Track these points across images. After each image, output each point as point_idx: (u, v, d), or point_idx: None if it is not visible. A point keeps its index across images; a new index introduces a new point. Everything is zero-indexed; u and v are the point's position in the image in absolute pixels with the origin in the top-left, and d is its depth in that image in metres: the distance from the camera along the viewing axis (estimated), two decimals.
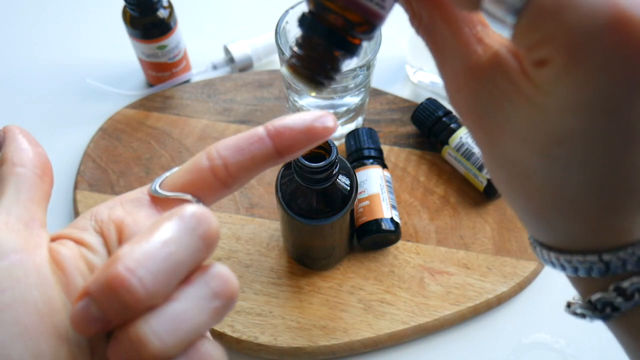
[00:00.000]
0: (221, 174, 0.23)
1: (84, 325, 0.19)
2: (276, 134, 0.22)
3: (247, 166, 0.23)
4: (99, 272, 0.19)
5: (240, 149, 0.22)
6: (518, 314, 0.48)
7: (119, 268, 0.18)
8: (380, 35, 0.45)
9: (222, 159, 0.22)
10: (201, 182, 0.23)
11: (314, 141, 0.23)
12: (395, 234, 0.47)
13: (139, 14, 0.51)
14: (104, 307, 0.18)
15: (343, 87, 0.46)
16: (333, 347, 0.45)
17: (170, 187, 0.23)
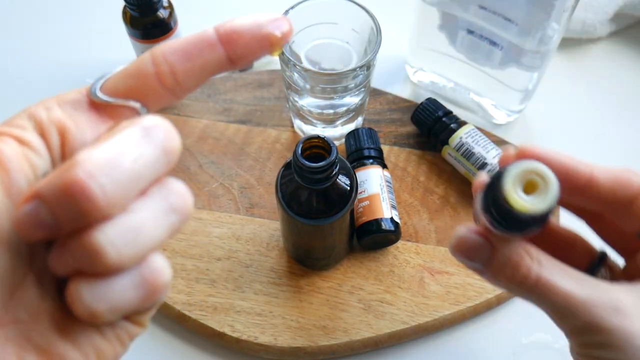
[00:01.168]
0: (168, 81, 0.21)
1: (31, 229, 0.18)
2: (228, 40, 0.21)
3: (196, 73, 0.21)
4: (54, 175, 0.17)
5: (189, 54, 0.21)
6: (518, 314, 0.48)
7: (78, 173, 0.17)
8: (380, 35, 0.45)
9: (169, 64, 0.21)
10: (146, 88, 0.21)
11: (269, 49, 0.21)
12: (395, 233, 0.47)
13: (139, 14, 0.51)
14: (57, 212, 0.17)
15: (343, 87, 0.46)
16: (333, 347, 0.45)
17: (112, 92, 0.21)
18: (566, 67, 0.61)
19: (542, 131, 0.57)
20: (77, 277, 0.19)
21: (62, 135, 0.20)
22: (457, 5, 0.48)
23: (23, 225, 0.18)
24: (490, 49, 0.49)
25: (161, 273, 0.20)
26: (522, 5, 0.44)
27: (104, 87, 0.21)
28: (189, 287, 0.47)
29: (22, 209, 0.18)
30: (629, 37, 0.63)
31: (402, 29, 0.59)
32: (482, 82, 0.54)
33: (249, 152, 0.54)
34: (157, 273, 0.19)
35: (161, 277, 0.20)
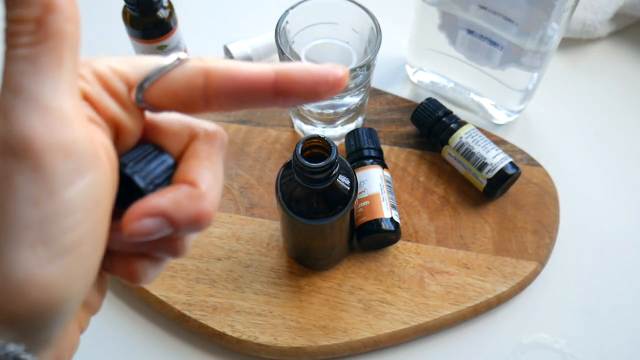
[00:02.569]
0: (212, 108, 0.21)
1: (145, 237, 0.20)
2: (282, 90, 0.21)
3: (236, 108, 0.21)
4: (186, 203, 0.20)
5: (241, 96, 0.21)
6: (518, 314, 0.48)
7: (209, 207, 0.21)
8: (380, 35, 0.45)
9: (218, 98, 0.21)
10: (187, 106, 0.21)
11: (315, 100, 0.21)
12: (395, 233, 0.47)
13: (139, 14, 0.51)
14: (181, 230, 0.21)
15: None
16: (333, 347, 0.45)
17: (155, 100, 0.21)
18: (566, 67, 0.61)
19: (542, 131, 0.57)
20: (142, 259, 0.22)
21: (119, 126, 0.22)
22: (457, 5, 0.48)
23: (140, 234, 0.20)
24: (490, 49, 0.49)
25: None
26: (522, 5, 0.44)
27: (147, 92, 0.21)
28: (189, 287, 0.47)
29: (145, 222, 0.20)
30: (629, 37, 0.63)
31: (402, 29, 0.59)
32: (482, 82, 0.54)
33: (249, 152, 0.54)
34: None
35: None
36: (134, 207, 0.20)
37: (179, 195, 0.21)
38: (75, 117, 0.19)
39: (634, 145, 0.56)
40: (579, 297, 0.49)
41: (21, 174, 0.17)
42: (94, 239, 0.20)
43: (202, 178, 0.21)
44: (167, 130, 0.23)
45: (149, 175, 0.22)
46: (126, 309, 0.48)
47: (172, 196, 0.20)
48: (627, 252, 0.51)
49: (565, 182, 0.53)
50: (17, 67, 0.17)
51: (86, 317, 0.24)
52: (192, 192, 0.21)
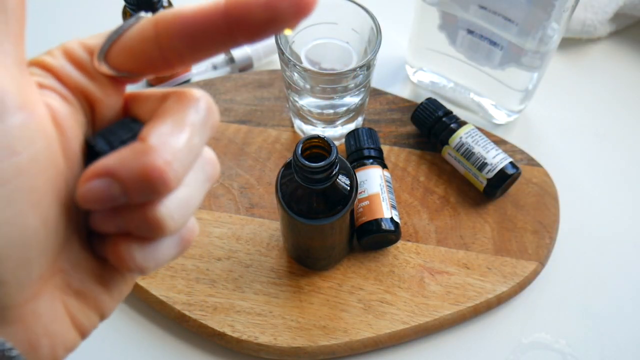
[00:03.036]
0: (169, 60, 0.20)
1: (97, 202, 0.19)
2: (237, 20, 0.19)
3: (195, 55, 0.20)
4: (129, 156, 0.19)
5: (193, 36, 0.19)
6: (518, 314, 0.48)
7: (157, 160, 0.18)
8: (380, 35, 0.45)
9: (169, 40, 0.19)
10: (147, 62, 0.20)
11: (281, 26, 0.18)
12: (395, 234, 0.47)
13: None
14: (130, 191, 0.19)
15: (343, 87, 0.46)
16: (333, 347, 0.45)
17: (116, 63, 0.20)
18: (566, 67, 0.61)
19: (542, 131, 0.57)
20: (126, 239, 0.20)
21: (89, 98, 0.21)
22: (457, 5, 0.48)
23: (90, 198, 0.19)
24: (490, 49, 0.49)
25: (194, 230, 0.23)
26: (522, 5, 0.44)
27: (108, 56, 0.20)
28: (189, 287, 0.47)
29: (91, 183, 0.19)
30: (629, 37, 0.63)
31: (402, 29, 0.59)
32: (482, 82, 0.54)
33: (249, 152, 0.54)
34: (192, 231, 0.23)
35: (194, 233, 0.23)
36: (85, 171, 0.19)
37: (124, 151, 0.19)
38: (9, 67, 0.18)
39: (634, 145, 0.56)
40: (579, 297, 0.49)
41: None
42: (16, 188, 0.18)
43: (156, 132, 0.19)
44: (144, 101, 0.22)
45: (114, 141, 0.20)
46: (126, 309, 0.48)
47: (118, 153, 0.19)
48: (627, 252, 0.51)
49: (565, 182, 0.53)
50: None
51: (87, 312, 0.22)
52: (139, 146, 0.19)
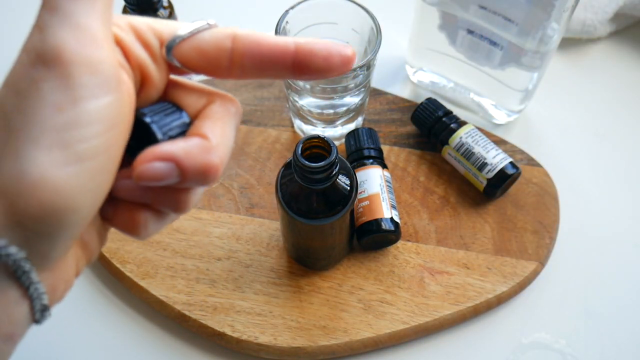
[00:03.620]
0: (233, 71, 0.23)
1: (154, 180, 0.21)
2: (301, 62, 0.23)
3: (256, 75, 0.23)
4: (196, 151, 0.21)
5: (264, 64, 0.23)
6: (518, 314, 0.48)
7: (216, 159, 0.22)
8: (380, 35, 0.45)
9: (242, 64, 0.23)
10: (212, 68, 0.23)
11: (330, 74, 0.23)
12: (395, 234, 0.47)
13: (139, 14, 0.51)
14: (187, 178, 0.21)
15: (343, 87, 0.46)
16: (333, 347, 0.45)
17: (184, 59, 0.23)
18: (566, 67, 0.61)
19: (542, 131, 0.57)
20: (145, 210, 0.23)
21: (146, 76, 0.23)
22: (457, 5, 0.48)
23: (149, 175, 0.21)
24: (490, 49, 0.49)
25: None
26: (522, 5, 0.44)
27: (177, 48, 0.23)
28: (189, 287, 0.47)
29: (155, 164, 0.21)
30: (629, 37, 0.63)
31: (402, 29, 0.59)
32: (482, 82, 0.54)
33: (249, 152, 0.54)
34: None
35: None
36: (146, 151, 0.21)
37: (190, 145, 0.22)
38: (104, 41, 0.20)
39: (634, 145, 0.56)
40: (579, 297, 0.49)
41: (49, 81, 0.19)
42: (106, 158, 0.20)
43: (214, 133, 0.22)
44: (187, 91, 0.24)
45: (165, 126, 0.23)
46: (126, 309, 0.48)
47: (184, 144, 0.22)
48: (628, 252, 0.51)
49: (565, 182, 0.53)
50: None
51: (83, 259, 0.25)
52: (203, 143, 0.22)
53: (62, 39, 0.19)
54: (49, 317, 0.23)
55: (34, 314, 0.22)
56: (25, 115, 0.19)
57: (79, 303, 0.48)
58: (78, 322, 0.48)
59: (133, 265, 0.48)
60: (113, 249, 0.48)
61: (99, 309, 0.48)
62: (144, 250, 0.49)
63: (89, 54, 0.19)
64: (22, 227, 0.19)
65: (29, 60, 0.19)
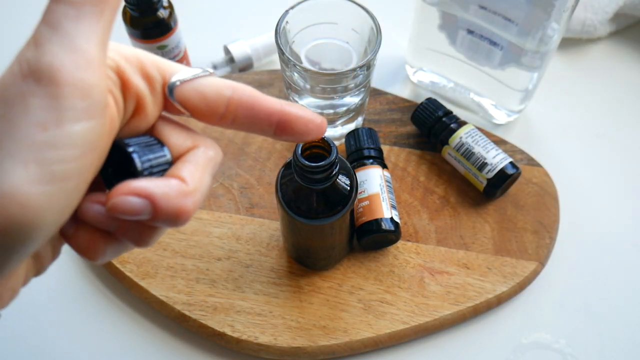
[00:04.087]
0: (225, 120, 0.24)
1: (126, 214, 0.21)
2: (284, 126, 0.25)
3: (239, 128, 0.25)
4: (173, 194, 0.22)
5: (253, 122, 0.25)
6: (518, 314, 0.48)
7: (190, 204, 0.22)
8: (380, 35, 0.45)
9: (236, 110, 0.24)
10: (206, 116, 0.24)
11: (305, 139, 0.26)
12: (395, 233, 0.47)
13: (139, 14, 0.51)
14: (158, 218, 0.22)
15: (343, 87, 0.46)
16: (333, 347, 0.45)
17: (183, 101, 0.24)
18: (566, 67, 0.61)
19: (542, 131, 0.57)
20: (106, 238, 0.23)
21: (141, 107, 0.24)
22: (457, 5, 0.48)
23: (122, 209, 0.21)
24: (490, 49, 0.49)
25: None
26: (522, 5, 0.44)
27: (179, 89, 0.24)
28: (189, 287, 0.47)
29: (130, 198, 0.21)
30: (629, 37, 0.63)
31: (402, 29, 0.59)
32: (482, 82, 0.54)
33: (249, 152, 0.54)
34: None
35: None
36: (125, 184, 0.21)
37: (169, 185, 0.22)
38: (99, 67, 0.20)
39: (634, 145, 0.56)
40: (579, 297, 0.49)
41: (38, 98, 0.19)
42: (79, 181, 0.20)
43: (193, 179, 0.23)
44: (175, 130, 0.25)
45: (147, 161, 0.23)
46: (126, 309, 0.48)
47: (162, 184, 0.22)
48: (627, 252, 0.51)
49: (565, 182, 0.53)
50: (62, 8, 0.19)
51: (32, 270, 0.25)
52: (182, 187, 0.22)
53: (58, 58, 0.19)
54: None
55: None
56: (8, 125, 0.19)
57: (79, 303, 0.48)
58: (78, 322, 0.48)
59: (133, 265, 0.48)
60: None
61: (99, 309, 0.48)
62: (144, 250, 0.49)
63: (82, 78, 0.19)
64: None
65: (21, 72, 0.19)
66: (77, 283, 0.49)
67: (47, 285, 0.49)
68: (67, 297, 0.49)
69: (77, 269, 0.49)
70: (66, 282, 0.49)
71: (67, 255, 0.50)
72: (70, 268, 0.50)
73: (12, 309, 0.24)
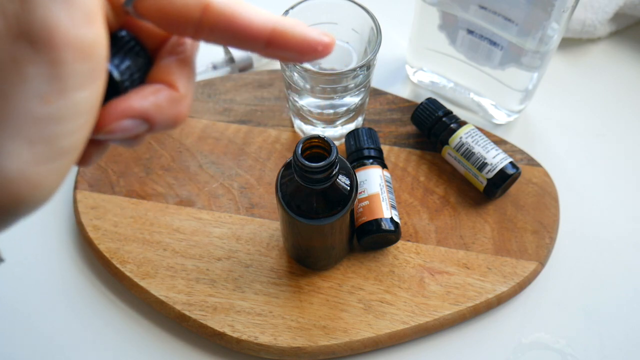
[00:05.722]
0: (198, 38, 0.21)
1: (123, 136, 0.20)
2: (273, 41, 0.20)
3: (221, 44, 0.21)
4: (166, 105, 0.21)
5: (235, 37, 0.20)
6: (518, 314, 0.48)
7: (186, 108, 0.21)
8: (380, 35, 0.45)
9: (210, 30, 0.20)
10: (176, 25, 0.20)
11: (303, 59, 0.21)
12: (395, 233, 0.47)
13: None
14: (156, 129, 0.21)
15: (343, 87, 0.46)
16: (333, 347, 0.45)
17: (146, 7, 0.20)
18: (566, 67, 0.61)
19: (542, 131, 0.57)
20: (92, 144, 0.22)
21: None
22: (457, 5, 0.48)
23: (119, 133, 0.20)
24: (490, 49, 0.49)
25: None
26: (522, 5, 0.44)
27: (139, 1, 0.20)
28: (189, 287, 0.47)
29: (124, 122, 0.20)
30: (629, 37, 0.63)
31: (402, 29, 0.59)
32: (482, 82, 0.54)
33: (249, 152, 0.54)
34: None
35: None
36: (114, 107, 0.20)
37: (161, 99, 0.21)
38: (97, 16, 0.18)
39: (634, 145, 0.56)
40: (579, 297, 0.49)
41: (35, 66, 0.16)
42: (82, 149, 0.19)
43: (182, 82, 0.21)
44: (148, 32, 0.22)
45: (126, 70, 0.21)
46: (126, 309, 0.48)
47: (154, 99, 0.20)
48: (627, 252, 0.51)
49: (565, 182, 0.53)
50: None
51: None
52: (173, 95, 0.21)
53: (54, 14, 0.16)
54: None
55: None
56: (6, 101, 0.16)
57: (79, 303, 0.48)
58: (78, 322, 0.48)
59: (133, 265, 0.48)
60: (113, 249, 0.48)
61: (99, 309, 0.48)
62: (144, 250, 0.49)
63: (83, 36, 0.17)
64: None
65: (10, 31, 0.16)
66: (77, 283, 0.49)
67: (47, 285, 0.49)
68: (67, 297, 0.49)
69: (77, 269, 0.50)
70: (66, 282, 0.49)
71: (67, 255, 0.50)
72: (70, 268, 0.50)
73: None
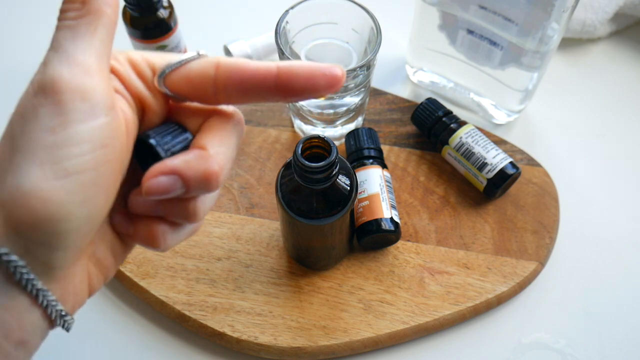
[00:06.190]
0: (220, 97, 0.24)
1: (161, 193, 0.23)
2: (284, 83, 0.24)
3: (242, 100, 0.25)
4: (195, 162, 0.24)
5: (247, 89, 0.24)
6: (518, 314, 0.48)
7: (214, 165, 0.24)
8: (380, 35, 0.45)
9: (226, 90, 0.24)
10: (199, 95, 0.25)
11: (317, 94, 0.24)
12: (395, 233, 0.47)
13: (139, 14, 0.51)
14: (191, 187, 0.24)
15: (343, 87, 0.46)
16: (333, 347, 0.45)
17: (172, 86, 0.25)
18: (566, 67, 0.61)
19: (542, 131, 0.57)
20: (160, 222, 0.26)
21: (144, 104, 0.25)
22: (457, 5, 0.48)
23: (156, 190, 0.23)
24: (490, 49, 0.49)
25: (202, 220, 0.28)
26: (522, 5, 0.44)
27: (168, 78, 0.25)
28: (189, 287, 0.47)
29: (160, 179, 0.23)
30: (629, 37, 0.63)
31: (402, 29, 0.59)
32: (482, 82, 0.54)
33: (249, 152, 0.54)
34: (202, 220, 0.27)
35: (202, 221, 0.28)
36: (152, 168, 0.24)
37: (190, 156, 0.24)
38: (97, 73, 0.23)
39: (634, 145, 0.56)
40: (579, 297, 0.49)
41: (45, 107, 0.22)
42: (97, 173, 0.22)
43: (212, 144, 0.25)
44: (189, 113, 0.26)
45: (167, 144, 0.25)
46: (126, 309, 0.48)
47: (183, 157, 0.24)
48: (627, 252, 0.51)
49: (565, 182, 0.53)
50: (62, 33, 0.23)
51: (99, 276, 0.27)
52: (201, 153, 0.24)
53: (59, 71, 0.22)
54: (72, 322, 0.26)
55: (53, 321, 0.25)
56: (25, 136, 0.22)
57: None
58: (78, 322, 0.48)
59: (133, 265, 0.48)
60: None
61: (99, 309, 0.48)
62: (144, 250, 0.49)
63: (80, 83, 0.22)
64: (20, 236, 0.22)
65: (33, 90, 0.22)
66: None
67: None
68: None
69: None
70: None
71: None
72: None
73: None
